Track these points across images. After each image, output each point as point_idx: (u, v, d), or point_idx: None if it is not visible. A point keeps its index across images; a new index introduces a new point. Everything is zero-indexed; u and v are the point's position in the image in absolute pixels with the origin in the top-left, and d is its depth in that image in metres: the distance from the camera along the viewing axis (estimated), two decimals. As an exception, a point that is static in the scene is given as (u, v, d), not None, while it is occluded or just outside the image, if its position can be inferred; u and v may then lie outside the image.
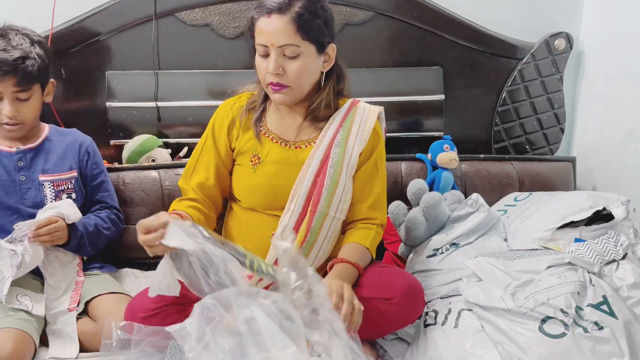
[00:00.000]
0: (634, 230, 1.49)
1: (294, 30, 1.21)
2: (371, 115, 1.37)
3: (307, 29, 1.22)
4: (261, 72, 1.28)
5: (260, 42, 1.24)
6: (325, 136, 1.33)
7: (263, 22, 1.23)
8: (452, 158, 1.88)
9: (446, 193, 1.76)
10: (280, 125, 1.37)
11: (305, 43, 1.23)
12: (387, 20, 1.98)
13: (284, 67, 1.24)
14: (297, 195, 1.30)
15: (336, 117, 1.35)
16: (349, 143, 1.33)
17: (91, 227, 1.50)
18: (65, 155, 1.53)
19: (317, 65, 1.29)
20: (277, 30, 1.21)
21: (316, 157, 1.31)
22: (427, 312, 1.33)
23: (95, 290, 1.43)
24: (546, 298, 1.19)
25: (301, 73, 1.25)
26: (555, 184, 1.95)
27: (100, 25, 1.85)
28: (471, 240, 1.57)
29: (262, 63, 1.26)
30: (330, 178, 1.30)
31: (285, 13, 1.21)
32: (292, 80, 1.25)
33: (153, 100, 1.87)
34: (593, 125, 2.13)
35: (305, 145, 1.35)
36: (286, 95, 1.28)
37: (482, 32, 2.03)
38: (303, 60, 1.24)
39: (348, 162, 1.32)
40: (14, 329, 1.23)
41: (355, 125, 1.35)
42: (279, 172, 1.33)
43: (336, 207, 1.31)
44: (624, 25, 1.93)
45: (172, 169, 1.77)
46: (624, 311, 1.21)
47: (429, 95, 2.01)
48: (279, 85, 1.25)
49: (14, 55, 1.39)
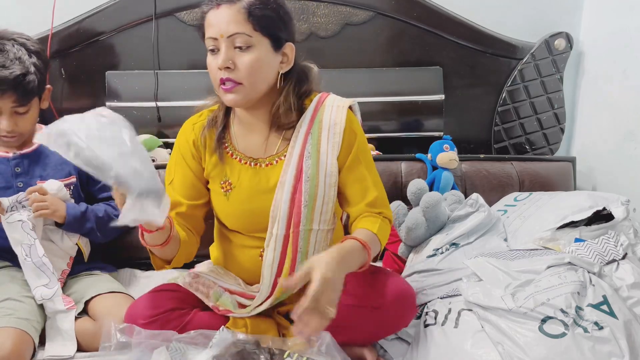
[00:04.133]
0: (634, 230, 1.48)
1: (244, 19, 1.12)
2: (340, 112, 1.24)
3: (259, 18, 1.13)
4: (212, 72, 1.17)
5: (209, 36, 1.15)
6: (295, 148, 1.22)
7: (212, 14, 1.15)
8: (452, 158, 1.88)
9: (446, 193, 1.76)
10: (246, 140, 1.26)
11: (257, 34, 1.13)
12: (387, 20, 1.98)
13: (234, 60, 1.13)
14: (277, 218, 1.21)
15: (303, 123, 1.24)
16: (322, 150, 1.22)
17: (101, 212, 1.49)
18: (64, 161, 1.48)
19: (272, 62, 1.18)
20: (226, 19, 1.12)
21: (289, 174, 1.21)
22: (427, 312, 1.33)
23: (95, 289, 1.43)
24: (546, 298, 1.19)
25: (254, 67, 1.14)
26: (555, 184, 1.95)
27: (100, 25, 1.85)
28: (471, 240, 1.57)
29: (212, 61, 1.16)
30: (308, 194, 1.21)
31: (235, 2, 1.12)
32: (244, 76, 1.14)
33: (153, 100, 1.88)
34: (593, 125, 2.13)
35: (276, 161, 1.25)
36: (238, 95, 1.15)
37: (482, 32, 2.03)
38: (255, 53, 1.14)
39: (325, 171, 1.22)
40: (12, 328, 1.23)
41: (325, 128, 1.23)
42: (254, 196, 1.24)
43: (319, 220, 1.23)
44: (624, 25, 1.93)
45: (172, 169, 1.77)
46: (624, 311, 1.21)
47: (429, 95, 2.01)
48: (230, 81, 1.14)
49: (14, 73, 1.36)
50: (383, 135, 2.02)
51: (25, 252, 1.37)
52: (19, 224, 1.37)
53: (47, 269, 1.38)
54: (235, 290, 1.27)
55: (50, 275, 1.38)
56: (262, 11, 1.13)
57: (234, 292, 1.27)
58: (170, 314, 1.18)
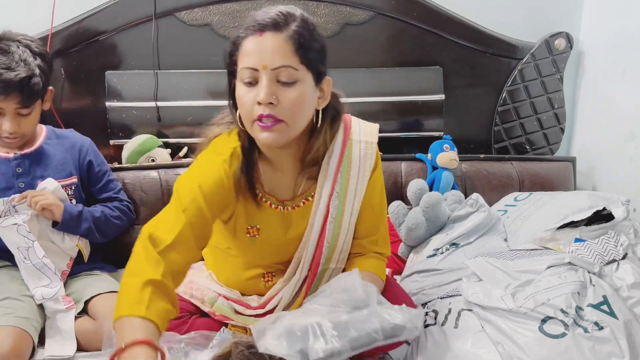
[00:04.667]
0: (634, 230, 1.49)
1: (292, 50, 1.00)
2: (370, 149, 1.17)
3: (306, 50, 1.02)
4: (245, 105, 1.03)
5: (247, 66, 1.01)
6: (324, 188, 1.15)
7: (253, 41, 1.01)
8: (452, 158, 1.88)
9: (446, 193, 1.76)
10: (273, 181, 1.16)
11: (303, 68, 1.02)
12: (387, 20, 1.98)
13: (277, 95, 1.01)
14: (302, 260, 1.17)
15: (331, 160, 1.14)
16: (350, 189, 1.15)
17: (98, 213, 1.50)
18: (65, 161, 1.51)
19: (313, 99, 1.07)
20: (271, 49, 0.99)
21: (318, 215, 1.15)
22: (427, 312, 1.33)
23: (94, 289, 1.43)
24: (546, 298, 1.19)
25: (299, 104, 1.02)
26: (555, 184, 1.95)
27: (100, 25, 1.85)
28: (471, 240, 1.57)
29: (247, 93, 1.02)
30: (331, 234, 1.16)
31: (282, 30, 1.00)
32: (287, 113, 1.02)
33: (153, 100, 1.87)
34: (593, 125, 2.13)
35: (303, 202, 1.18)
36: (278, 134, 1.03)
37: (482, 32, 2.03)
38: (300, 88, 1.02)
39: (350, 212, 1.16)
40: (12, 327, 1.23)
41: (354, 167, 1.15)
42: (281, 241, 1.18)
43: (337, 259, 1.20)
44: (624, 25, 1.93)
45: (172, 169, 1.77)
46: (624, 311, 1.21)
47: (429, 95, 2.01)
48: (272, 118, 1.01)
49: (19, 75, 1.35)
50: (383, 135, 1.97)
51: (23, 255, 1.37)
52: (14, 227, 1.36)
53: (48, 270, 1.38)
54: (230, 297, 1.25)
55: (52, 275, 1.38)
56: (309, 42, 1.02)
57: (229, 298, 1.25)
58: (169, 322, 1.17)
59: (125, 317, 0.88)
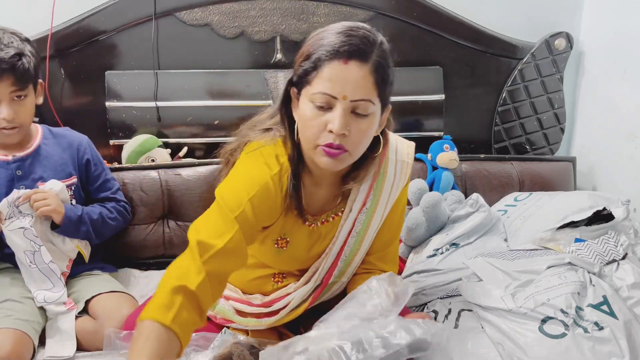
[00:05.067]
0: (634, 230, 1.48)
1: (372, 84, 0.96)
2: (404, 169, 1.15)
3: (384, 83, 0.98)
4: (311, 128, 0.98)
5: (324, 91, 0.96)
6: (356, 202, 1.13)
7: (337, 67, 0.95)
8: (452, 158, 1.88)
9: (446, 193, 1.76)
10: (312, 196, 1.14)
11: (378, 101, 0.99)
12: (387, 20, 1.97)
13: (350, 126, 0.97)
14: (320, 269, 1.17)
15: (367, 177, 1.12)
16: (378, 208, 1.14)
17: (96, 215, 1.49)
18: (64, 161, 1.50)
19: (377, 127, 1.04)
20: (355, 80, 0.95)
21: (344, 230, 1.14)
22: (427, 312, 1.33)
23: (95, 289, 1.43)
24: (546, 298, 1.19)
25: (366, 136, 1.00)
26: (555, 184, 1.95)
27: (100, 25, 1.85)
28: (471, 240, 1.57)
29: (316, 117, 0.97)
30: (350, 249, 1.15)
31: (367, 61, 0.95)
32: (354, 144, 0.99)
33: (153, 100, 1.87)
34: (593, 125, 2.13)
35: (332, 217, 1.16)
36: (341, 162, 1.00)
37: (482, 32, 2.03)
38: (372, 120, 0.99)
39: (373, 229, 1.15)
40: (12, 330, 1.23)
41: (387, 185, 1.13)
42: (306, 253, 1.17)
43: (349, 274, 1.20)
44: (624, 25, 1.93)
45: (172, 169, 1.77)
46: (624, 311, 1.21)
47: (429, 95, 2.01)
48: (340, 148, 0.97)
49: (9, 53, 1.35)
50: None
51: (29, 259, 1.36)
52: (20, 231, 1.35)
53: (53, 275, 1.38)
54: (231, 297, 1.25)
55: (57, 280, 1.38)
56: (388, 76, 1.00)
57: (230, 298, 1.24)
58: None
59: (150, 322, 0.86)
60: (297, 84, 1.02)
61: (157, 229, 1.72)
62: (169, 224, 1.73)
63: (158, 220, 1.73)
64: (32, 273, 1.36)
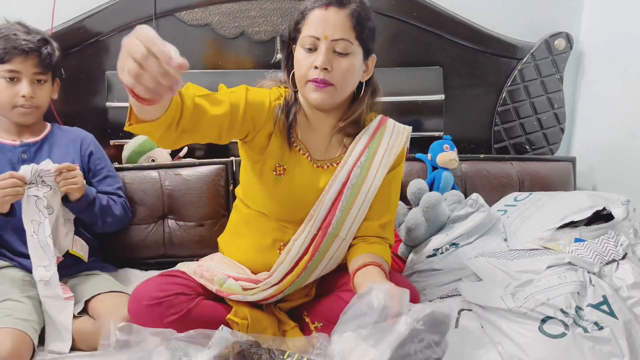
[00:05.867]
0: (634, 230, 1.48)
1: (350, 27, 1.16)
2: (399, 137, 1.32)
3: (362, 28, 1.17)
4: (302, 68, 1.19)
5: (310, 34, 1.17)
6: (350, 157, 1.27)
7: (318, 13, 1.16)
8: (452, 158, 1.88)
9: (446, 193, 1.76)
10: (309, 137, 1.29)
11: (357, 43, 1.18)
12: (387, 20, 1.98)
13: (332, 63, 1.17)
14: (314, 217, 1.25)
15: (363, 136, 1.29)
16: (373, 164, 1.27)
17: (104, 201, 1.53)
18: (67, 151, 1.56)
19: (360, 71, 1.23)
20: (334, 22, 1.15)
21: (337, 180, 1.26)
22: (427, 312, 1.33)
23: (95, 289, 1.43)
24: (546, 298, 1.19)
25: (348, 72, 1.19)
26: (555, 184, 1.95)
27: (100, 25, 1.85)
28: (471, 240, 1.57)
29: (305, 57, 1.18)
30: (346, 199, 1.25)
31: (344, 7, 1.16)
32: (338, 79, 1.18)
33: (153, 100, 1.87)
34: (593, 125, 2.13)
35: (327, 166, 1.29)
36: (327, 95, 1.19)
37: (482, 32, 2.03)
38: (352, 59, 1.18)
39: (369, 185, 1.26)
40: (12, 329, 1.23)
41: (382, 146, 1.29)
42: (302, 188, 1.27)
43: (347, 230, 1.26)
44: (624, 25, 1.93)
45: (172, 169, 1.77)
46: (624, 311, 1.21)
47: (429, 95, 2.01)
48: (324, 82, 1.17)
49: (37, 37, 1.48)
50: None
51: (34, 229, 1.37)
52: (34, 199, 1.37)
53: (48, 250, 1.38)
54: (239, 277, 1.28)
55: (51, 257, 1.38)
56: (365, 22, 1.18)
57: (239, 279, 1.28)
58: (175, 298, 1.19)
59: None
60: (293, 38, 1.22)
61: (157, 229, 1.72)
62: (169, 224, 1.73)
63: (158, 220, 1.73)
64: (33, 244, 1.37)
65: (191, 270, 1.29)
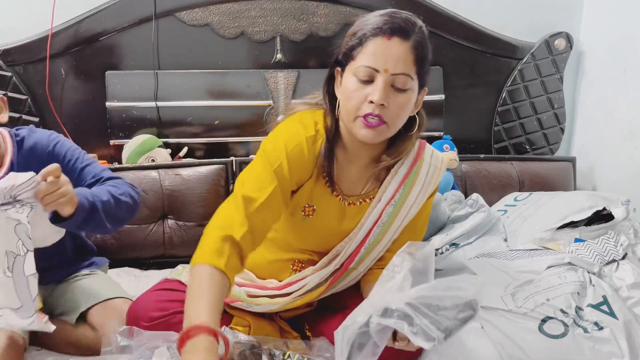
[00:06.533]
0: (634, 230, 1.49)
1: (413, 60, 1.05)
2: (437, 174, 1.22)
3: (422, 61, 1.06)
4: (353, 100, 1.06)
5: (368, 64, 1.04)
6: (385, 194, 1.18)
7: (380, 42, 1.04)
8: (452, 158, 1.88)
9: (446, 193, 1.76)
10: (343, 171, 1.18)
11: (416, 78, 1.07)
12: (387, 20, 1.97)
13: (389, 99, 1.04)
14: (341, 255, 1.19)
15: (400, 169, 1.18)
16: (407, 202, 1.18)
17: (105, 195, 1.17)
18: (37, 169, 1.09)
19: (413, 105, 1.11)
20: (397, 55, 1.03)
21: (370, 218, 1.18)
22: (427, 312, 1.33)
23: (90, 299, 1.28)
24: (546, 298, 1.19)
25: (404, 110, 1.07)
26: (555, 184, 1.95)
27: (100, 25, 1.85)
28: (471, 240, 1.57)
29: (359, 90, 1.05)
30: (374, 238, 1.18)
31: (408, 39, 1.04)
32: (392, 117, 1.06)
33: (153, 100, 1.88)
34: (593, 125, 2.13)
35: (360, 202, 1.20)
36: (379, 133, 1.07)
37: (482, 32, 2.03)
38: (410, 96, 1.07)
39: (400, 223, 1.19)
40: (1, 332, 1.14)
41: (419, 184, 1.19)
42: (330, 229, 1.20)
43: (368, 264, 1.22)
44: (623, 25, 1.93)
45: (172, 169, 1.77)
46: (624, 311, 1.21)
47: (429, 95, 1.98)
48: (379, 118, 1.05)
49: None
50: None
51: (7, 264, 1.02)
52: (12, 223, 1.01)
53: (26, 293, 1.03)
54: (244, 283, 1.25)
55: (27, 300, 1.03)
56: (424, 53, 1.07)
57: (243, 284, 1.24)
58: (173, 317, 1.15)
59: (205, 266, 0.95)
60: (342, 61, 1.10)
61: (157, 229, 1.72)
62: (169, 224, 1.73)
63: (158, 220, 1.73)
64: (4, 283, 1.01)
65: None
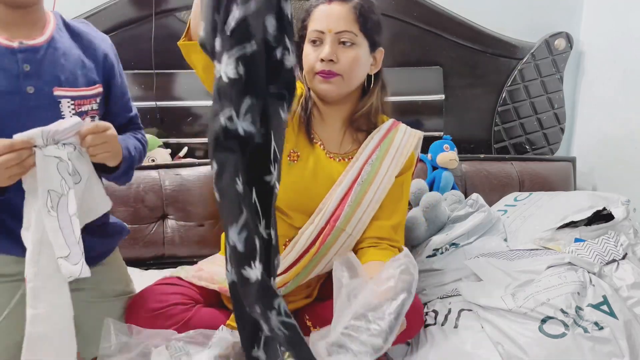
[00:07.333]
0: (634, 230, 1.49)
1: (353, 19, 1.21)
2: (411, 139, 1.34)
3: (365, 20, 1.22)
4: (309, 61, 1.24)
5: (315, 29, 1.22)
6: (362, 153, 1.29)
7: (322, 8, 1.23)
8: (452, 158, 1.88)
9: (446, 193, 1.76)
10: (323, 130, 1.32)
11: (361, 35, 1.22)
12: (387, 20, 1.97)
13: (337, 54, 1.21)
14: (323, 210, 1.25)
15: (375, 135, 1.31)
16: (384, 163, 1.29)
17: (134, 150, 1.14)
18: (84, 65, 1.09)
19: (367, 62, 1.26)
20: (337, 15, 1.21)
21: (349, 176, 1.27)
22: (427, 312, 1.33)
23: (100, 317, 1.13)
24: (546, 298, 1.19)
25: (354, 63, 1.22)
26: (555, 184, 1.95)
27: (99, 25, 1.84)
28: (471, 240, 1.57)
29: (312, 51, 1.23)
30: (356, 195, 1.25)
31: (347, 1, 1.21)
32: (344, 69, 1.22)
33: (153, 100, 1.87)
34: (593, 125, 2.13)
35: (340, 159, 1.31)
36: (335, 85, 1.23)
37: (482, 32, 2.03)
38: (357, 50, 1.22)
39: (378, 183, 1.27)
40: None
41: (394, 147, 1.31)
42: (313, 178, 1.27)
43: (354, 226, 1.26)
44: (624, 25, 1.93)
45: (172, 169, 1.77)
46: (624, 311, 1.21)
47: (429, 95, 2.01)
48: (330, 73, 1.21)
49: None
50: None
51: (52, 204, 0.95)
52: (53, 161, 0.95)
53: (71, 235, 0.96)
54: None
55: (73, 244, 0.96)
56: (368, 14, 1.23)
57: None
58: (173, 308, 1.18)
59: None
60: (301, 35, 1.27)
61: (157, 229, 1.72)
62: (169, 224, 1.73)
63: (158, 220, 1.73)
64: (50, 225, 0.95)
65: (190, 275, 1.28)
